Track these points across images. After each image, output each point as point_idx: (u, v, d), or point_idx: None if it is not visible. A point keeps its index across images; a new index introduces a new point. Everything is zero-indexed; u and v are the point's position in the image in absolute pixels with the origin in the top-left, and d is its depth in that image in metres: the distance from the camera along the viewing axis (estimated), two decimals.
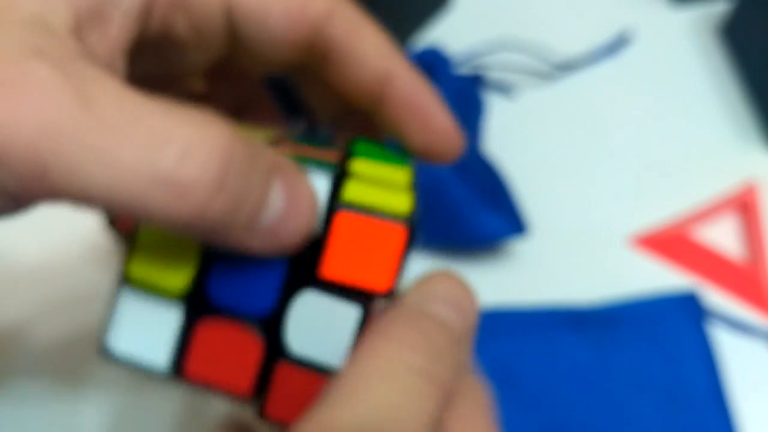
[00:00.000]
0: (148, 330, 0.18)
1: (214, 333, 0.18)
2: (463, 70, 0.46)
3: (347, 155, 0.20)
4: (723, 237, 0.40)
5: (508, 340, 0.37)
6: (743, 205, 0.41)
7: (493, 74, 0.46)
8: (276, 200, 0.17)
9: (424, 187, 0.35)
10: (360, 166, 0.19)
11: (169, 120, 0.15)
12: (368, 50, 0.21)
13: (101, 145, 0.14)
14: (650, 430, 0.34)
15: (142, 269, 0.18)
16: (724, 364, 0.36)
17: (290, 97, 0.33)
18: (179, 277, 0.18)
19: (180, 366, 0.18)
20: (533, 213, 0.41)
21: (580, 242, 0.41)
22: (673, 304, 0.37)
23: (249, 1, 0.19)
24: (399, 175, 0.19)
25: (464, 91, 0.41)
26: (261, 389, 0.18)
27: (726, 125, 0.45)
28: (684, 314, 0.37)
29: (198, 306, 0.18)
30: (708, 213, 0.41)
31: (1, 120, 0.14)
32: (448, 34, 0.49)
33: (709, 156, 0.43)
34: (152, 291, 0.18)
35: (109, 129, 0.15)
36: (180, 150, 0.15)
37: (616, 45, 0.48)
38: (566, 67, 0.47)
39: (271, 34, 0.20)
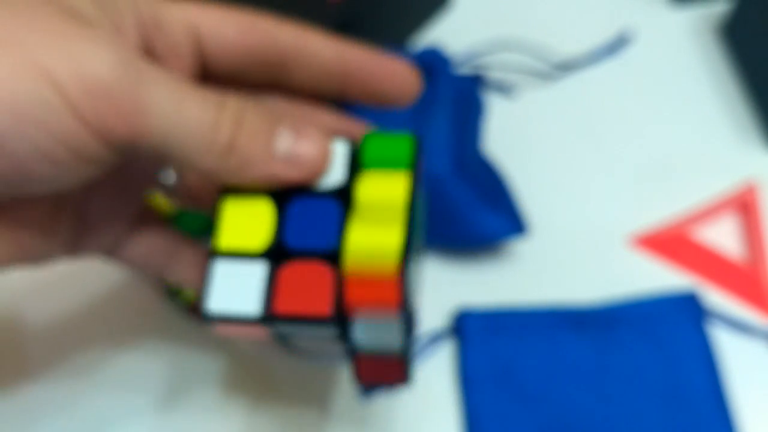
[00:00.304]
0: (239, 286, 0.23)
1: (293, 274, 0.23)
2: (464, 70, 0.46)
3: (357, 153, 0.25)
4: (723, 237, 0.40)
5: (509, 339, 0.37)
6: (743, 205, 0.41)
7: (493, 74, 0.46)
8: (284, 135, 0.23)
9: (425, 187, 0.35)
10: (363, 189, 0.24)
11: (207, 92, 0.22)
12: (317, 44, 0.25)
13: (175, 98, 0.21)
14: (650, 429, 0.34)
15: (228, 241, 0.23)
16: (723, 364, 0.36)
17: None
18: (260, 238, 0.23)
19: (271, 307, 0.22)
20: (533, 213, 0.41)
21: (580, 242, 0.41)
22: (672, 304, 0.37)
23: (209, 22, 0.24)
24: (397, 190, 0.24)
25: (464, 91, 0.42)
26: (338, 310, 0.22)
27: (726, 125, 0.45)
28: (683, 314, 0.37)
29: (277, 257, 0.23)
30: (708, 213, 0.41)
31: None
32: (449, 34, 0.49)
33: (709, 156, 0.43)
34: (238, 255, 0.23)
35: (177, 89, 0.21)
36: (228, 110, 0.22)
37: (616, 45, 0.48)
38: (566, 67, 0.47)
39: (229, 46, 0.25)
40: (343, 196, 0.23)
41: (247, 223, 0.23)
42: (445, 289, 0.39)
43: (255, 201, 0.24)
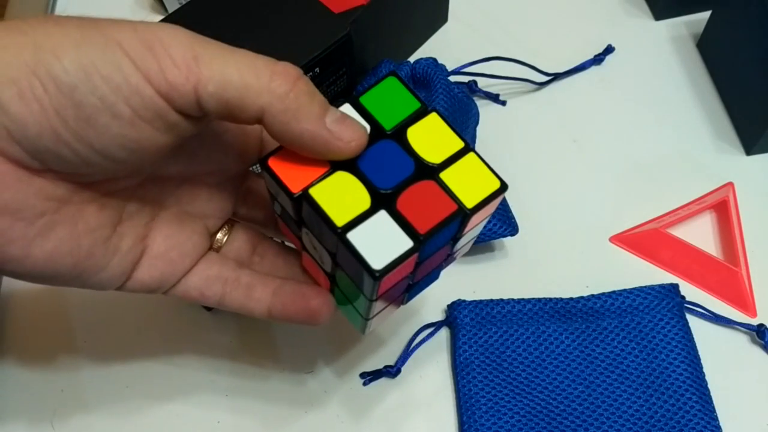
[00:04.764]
0: (380, 239, 0.24)
1: (408, 202, 0.25)
2: (458, 79, 0.47)
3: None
4: (700, 236, 0.42)
5: (500, 330, 0.38)
6: (719, 206, 0.42)
7: (486, 83, 0.47)
8: (335, 113, 0.24)
9: None
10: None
11: (261, 55, 0.24)
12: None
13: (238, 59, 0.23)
14: (632, 416, 0.35)
15: (341, 216, 0.24)
16: (702, 352, 0.37)
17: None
18: (362, 199, 0.25)
19: (416, 232, 0.24)
20: (523, 213, 0.42)
21: (566, 241, 0.42)
22: (653, 296, 0.38)
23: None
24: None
25: (459, 99, 0.42)
26: (454, 199, 0.25)
27: (706, 131, 0.46)
28: (663, 305, 0.38)
29: (385, 201, 0.25)
30: (686, 213, 0.42)
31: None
32: (444, 44, 0.50)
33: (690, 160, 0.45)
34: (357, 220, 0.24)
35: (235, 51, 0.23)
36: (274, 63, 0.24)
37: (602, 55, 0.49)
38: (554, 75, 0.48)
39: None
40: (386, 136, 0.26)
41: (341, 196, 0.25)
42: (440, 285, 0.40)
43: (330, 179, 0.25)
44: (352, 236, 0.24)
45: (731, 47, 0.45)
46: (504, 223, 0.39)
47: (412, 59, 0.48)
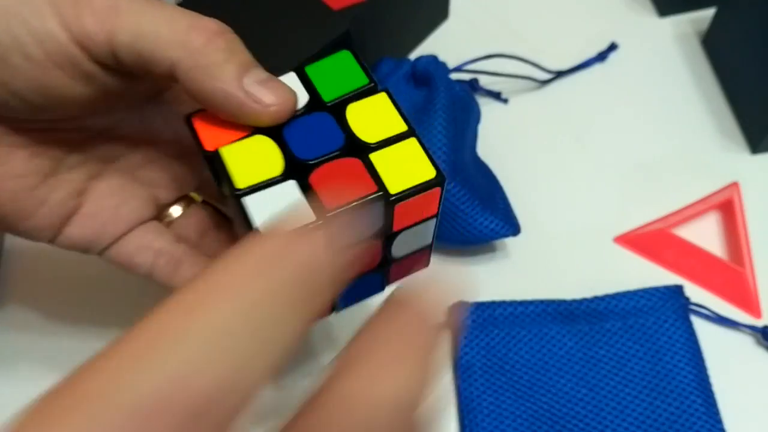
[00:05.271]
0: (278, 207, 0.22)
1: (323, 176, 0.23)
2: (460, 77, 0.46)
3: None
4: (705, 236, 0.41)
5: (502, 332, 0.38)
6: (725, 205, 0.42)
7: (487, 80, 0.47)
8: (258, 74, 0.23)
9: None
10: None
11: (191, 11, 0.23)
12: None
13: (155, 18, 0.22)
14: (636, 419, 0.35)
15: (244, 179, 0.23)
16: (706, 355, 0.37)
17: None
18: (274, 165, 0.23)
19: (321, 208, 0.22)
20: (526, 213, 0.42)
21: (570, 241, 0.42)
22: (657, 297, 0.38)
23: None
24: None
25: (460, 97, 0.42)
26: (377, 182, 0.23)
27: (711, 129, 0.46)
28: (668, 307, 0.37)
29: (299, 172, 0.23)
30: (691, 213, 0.42)
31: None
32: (446, 42, 0.50)
33: (695, 159, 0.44)
34: (261, 186, 0.23)
35: (160, 6, 0.23)
36: (195, 18, 0.23)
37: (606, 52, 0.49)
38: (557, 73, 0.48)
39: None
40: (323, 108, 0.25)
41: (253, 160, 0.23)
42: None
43: (247, 141, 0.24)
44: (250, 200, 0.23)
45: (737, 44, 0.45)
46: (506, 223, 0.39)
47: (412, 56, 0.48)
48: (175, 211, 0.30)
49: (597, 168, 0.45)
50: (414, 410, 0.16)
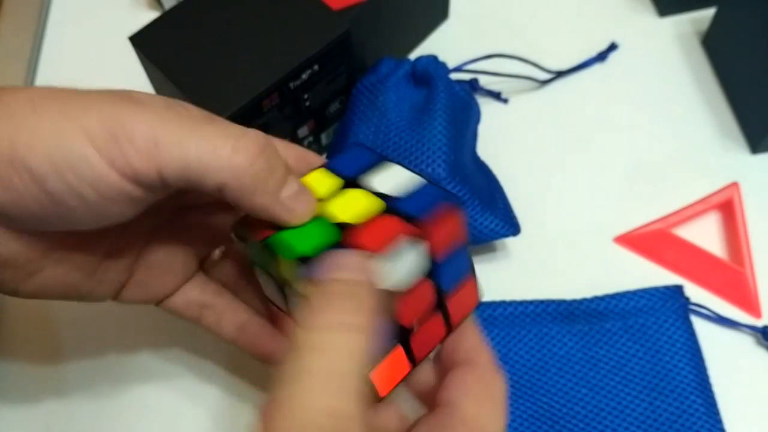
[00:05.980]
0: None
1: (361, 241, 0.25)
2: (460, 77, 0.47)
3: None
4: (705, 236, 0.41)
5: (503, 332, 0.38)
6: (725, 206, 0.42)
7: (487, 80, 0.47)
8: (292, 187, 0.26)
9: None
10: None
11: (227, 127, 0.25)
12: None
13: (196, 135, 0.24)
14: (636, 419, 0.35)
15: (287, 272, 0.25)
16: (706, 355, 0.37)
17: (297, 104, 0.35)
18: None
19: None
20: (526, 213, 0.42)
21: (570, 241, 0.42)
22: (657, 298, 0.38)
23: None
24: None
25: (460, 97, 0.42)
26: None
27: (711, 129, 0.46)
28: (668, 307, 0.37)
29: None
30: (691, 213, 0.42)
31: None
32: (446, 42, 0.50)
33: (695, 159, 0.44)
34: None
35: (198, 129, 0.24)
36: (236, 139, 0.24)
37: (606, 52, 0.49)
38: (557, 73, 0.48)
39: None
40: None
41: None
42: None
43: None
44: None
45: (737, 44, 0.45)
46: (506, 223, 0.39)
47: (412, 56, 0.48)
48: (215, 254, 0.34)
49: (597, 168, 0.45)
50: None
